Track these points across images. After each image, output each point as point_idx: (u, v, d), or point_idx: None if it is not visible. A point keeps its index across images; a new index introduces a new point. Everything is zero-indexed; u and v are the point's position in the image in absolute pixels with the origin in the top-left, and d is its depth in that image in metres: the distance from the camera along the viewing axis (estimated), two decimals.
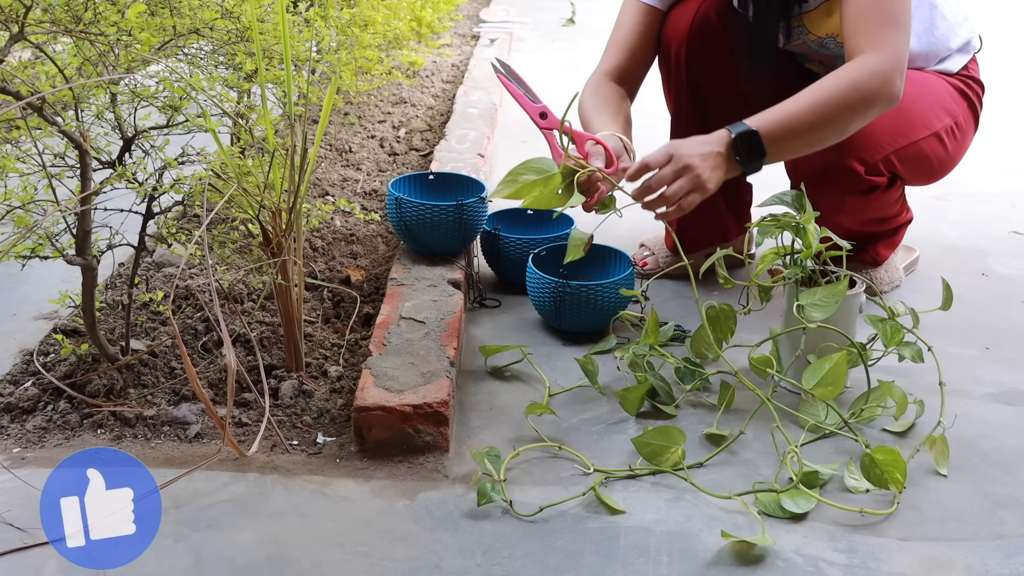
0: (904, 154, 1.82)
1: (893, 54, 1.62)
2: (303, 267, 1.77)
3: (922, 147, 1.84)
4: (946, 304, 1.62)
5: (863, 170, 1.78)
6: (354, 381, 1.62)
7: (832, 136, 1.65)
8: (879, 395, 1.56)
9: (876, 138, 1.78)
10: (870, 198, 1.84)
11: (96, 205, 1.45)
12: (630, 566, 1.25)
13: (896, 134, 1.80)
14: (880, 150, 1.78)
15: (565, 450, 1.47)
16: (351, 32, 2.44)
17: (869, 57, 1.62)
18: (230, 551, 1.26)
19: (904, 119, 1.80)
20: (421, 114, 3.14)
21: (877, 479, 1.38)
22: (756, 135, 1.60)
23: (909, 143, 1.81)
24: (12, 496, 1.33)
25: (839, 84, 1.62)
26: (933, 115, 1.85)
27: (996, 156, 2.81)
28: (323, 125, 1.58)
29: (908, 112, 1.80)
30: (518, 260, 1.95)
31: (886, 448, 1.39)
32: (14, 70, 1.39)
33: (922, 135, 1.83)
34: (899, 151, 1.81)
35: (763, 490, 1.38)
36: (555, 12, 5.04)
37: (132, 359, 1.60)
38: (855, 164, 1.77)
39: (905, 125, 1.81)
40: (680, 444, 1.45)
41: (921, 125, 1.83)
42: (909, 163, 1.85)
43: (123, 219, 1.56)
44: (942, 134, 1.86)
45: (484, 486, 1.35)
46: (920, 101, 1.83)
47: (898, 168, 1.84)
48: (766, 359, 1.57)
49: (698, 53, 1.93)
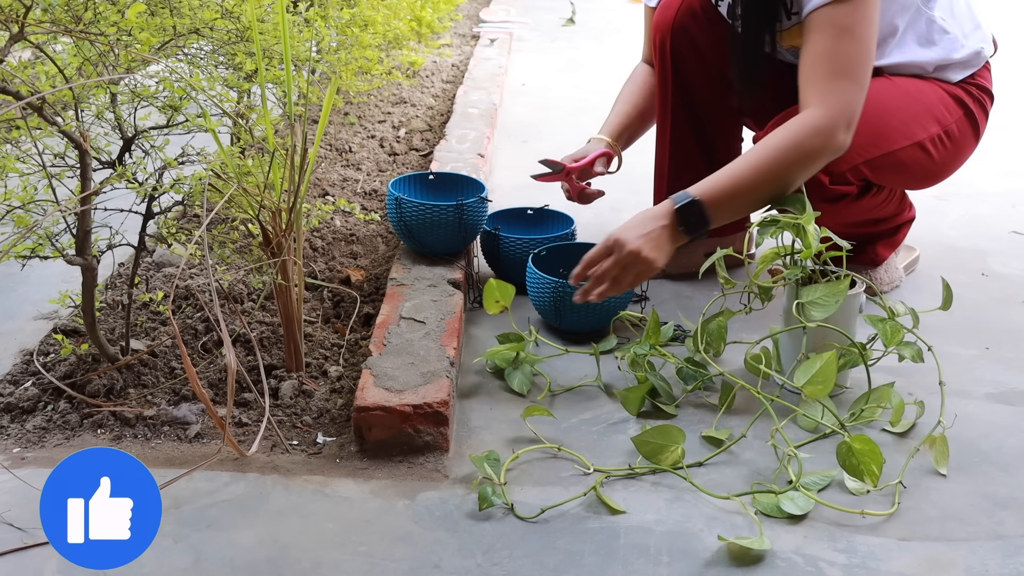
0: (877, 164, 1.80)
1: (839, 106, 1.63)
2: (303, 267, 1.77)
3: (899, 157, 1.81)
4: (946, 304, 1.62)
5: (828, 180, 1.77)
6: (354, 381, 1.62)
7: (777, 193, 1.67)
8: (879, 395, 1.56)
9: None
10: (839, 206, 1.82)
11: (96, 205, 1.45)
12: (630, 566, 1.25)
13: (868, 145, 1.77)
14: (847, 160, 1.75)
15: (564, 451, 1.47)
16: (351, 32, 2.44)
17: (813, 112, 1.64)
18: (230, 551, 1.26)
19: (879, 129, 1.78)
20: (421, 114, 3.14)
21: (853, 468, 1.38)
22: (700, 204, 1.63)
23: (883, 153, 1.79)
24: (12, 496, 1.33)
25: (781, 145, 1.64)
26: (917, 124, 1.82)
27: (996, 156, 2.81)
28: (323, 125, 1.58)
29: (885, 122, 1.79)
30: (518, 260, 1.95)
31: (865, 438, 1.39)
32: (14, 70, 1.39)
33: (900, 145, 1.81)
34: (871, 161, 1.79)
35: (761, 491, 1.38)
36: (555, 12, 5.05)
37: (132, 359, 1.60)
38: (820, 174, 1.76)
39: (880, 135, 1.79)
40: (680, 443, 1.45)
41: (900, 135, 1.81)
42: (885, 172, 1.83)
43: (123, 219, 1.56)
44: (926, 143, 1.83)
45: (485, 491, 1.35)
46: (903, 111, 1.81)
47: (870, 177, 1.82)
48: (758, 356, 1.57)
49: (682, 44, 1.97)
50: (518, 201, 2.28)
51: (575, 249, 1.97)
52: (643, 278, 1.65)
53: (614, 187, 2.21)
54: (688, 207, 1.63)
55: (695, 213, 1.63)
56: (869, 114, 1.75)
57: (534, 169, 2.08)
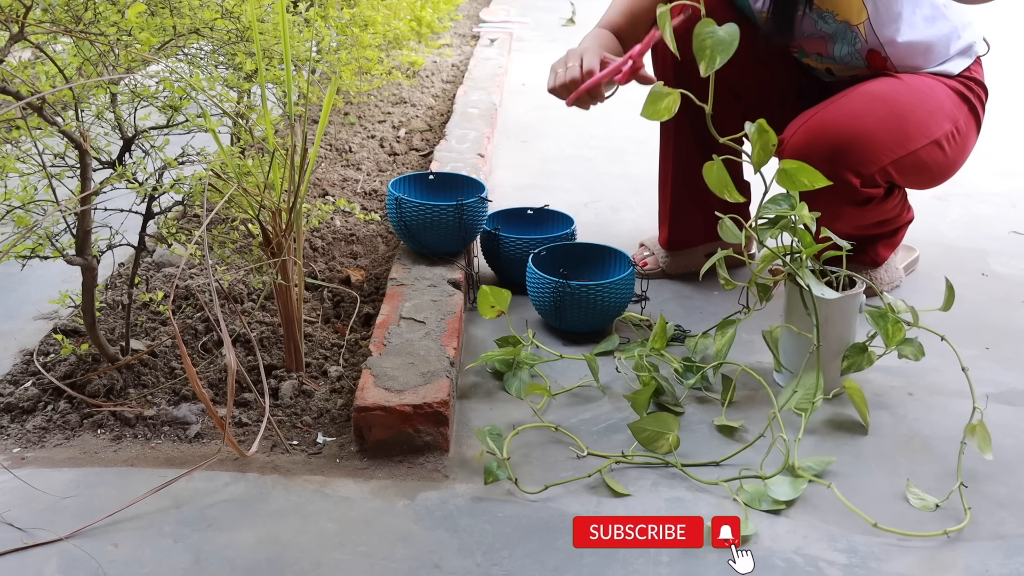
0: (902, 164, 1.80)
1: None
2: (303, 267, 1.77)
3: (921, 156, 1.82)
4: (947, 305, 1.62)
5: (859, 183, 1.77)
6: (354, 381, 1.62)
7: None
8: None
9: (873, 150, 1.76)
10: (867, 208, 1.83)
11: (96, 205, 1.45)
12: (630, 566, 1.25)
13: (894, 145, 1.78)
14: (876, 162, 1.76)
15: (561, 430, 1.47)
16: (351, 32, 2.44)
17: None
18: (230, 551, 1.26)
19: (902, 129, 1.78)
20: (421, 114, 3.14)
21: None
22: None
23: (907, 153, 1.80)
24: (12, 496, 1.34)
25: None
26: (933, 122, 1.83)
27: (996, 156, 2.82)
28: (323, 125, 1.58)
29: (906, 122, 1.79)
30: (518, 260, 1.95)
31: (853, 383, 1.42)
32: (14, 70, 1.39)
33: (921, 144, 1.81)
34: (896, 162, 1.79)
35: (749, 476, 1.40)
36: (555, 12, 5.04)
37: (132, 359, 1.60)
38: (851, 177, 1.76)
39: (903, 135, 1.79)
40: (674, 430, 1.47)
41: (920, 134, 1.81)
42: (908, 172, 1.83)
43: (123, 219, 1.56)
44: (942, 141, 1.84)
45: (490, 464, 1.36)
46: (920, 109, 1.81)
47: (896, 178, 1.82)
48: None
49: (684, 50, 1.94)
50: (518, 201, 2.28)
51: (575, 249, 1.98)
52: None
53: (614, 187, 2.21)
54: None
55: None
56: (889, 114, 1.75)
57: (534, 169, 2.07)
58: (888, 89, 1.80)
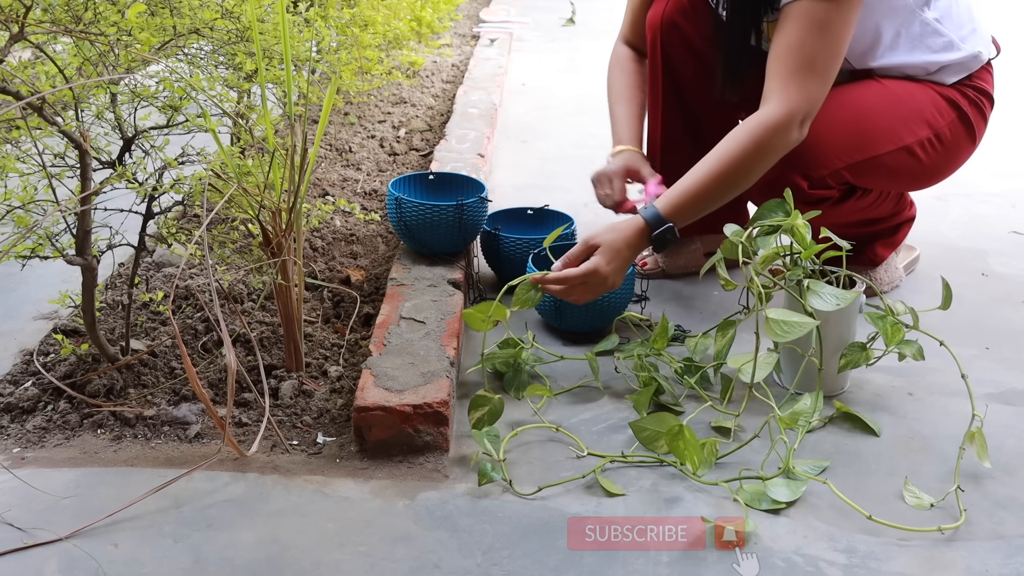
0: (860, 168, 1.79)
1: (798, 101, 1.64)
2: (303, 267, 1.77)
3: (884, 161, 1.80)
4: (945, 304, 1.62)
5: (806, 184, 1.77)
6: (354, 381, 1.62)
7: (738, 191, 1.70)
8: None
9: (824, 153, 1.76)
10: (820, 208, 1.82)
11: (96, 205, 1.45)
12: (630, 566, 1.25)
13: (851, 149, 1.77)
14: (827, 165, 1.76)
15: (562, 431, 1.47)
16: (351, 32, 2.44)
17: (772, 108, 1.65)
18: (230, 551, 1.26)
19: (862, 134, 1.78)
20: (421, 114, 3.14)
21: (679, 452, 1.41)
22: (673, 228, 1.67)
23: (866, 158, 1.79)
24: (12, 496, 1.34)
25: (739, 146, 1.65)
26: (904, 128, 1.81)
27: (996, 156, 2.81)
28: (323, 125, 1.58)
29: (870, 126, 1.78)
30: (518, 260, 1.95)
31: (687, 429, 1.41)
32: (14, 70, 1.39)
33: (885, 149, 1.79)
34: (853, 166, 1.78)
35: (749, 477, 1.40)
36: (555, 12, 5.04)
37: (132, 359, 1.60)
38: (798, 179, 1.76)
39: (863, 140, 1.78)
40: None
41: (885, 139, 1.80)
42: (869, 176, 1.82)
43: (123, 219, 1.56)
44: (914, 147, 1.82)
45: (485, 466, 1.36)
46: (889, 115, 1.80)
47: (852, 180, 1.82)
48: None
49: (674, 41, 1.96)
50: (518, 201, 2.28)
51: None
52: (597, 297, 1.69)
53: None
54: (665, 233, 1.67)
55: (668, 234, 1.67)
56: (851, 118, 1.75)
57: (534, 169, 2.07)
58: (861, 94, 1.79)
